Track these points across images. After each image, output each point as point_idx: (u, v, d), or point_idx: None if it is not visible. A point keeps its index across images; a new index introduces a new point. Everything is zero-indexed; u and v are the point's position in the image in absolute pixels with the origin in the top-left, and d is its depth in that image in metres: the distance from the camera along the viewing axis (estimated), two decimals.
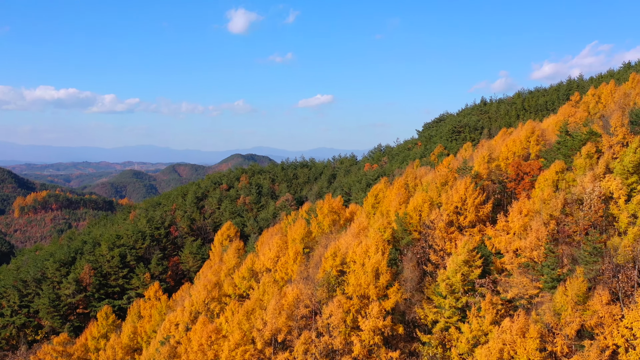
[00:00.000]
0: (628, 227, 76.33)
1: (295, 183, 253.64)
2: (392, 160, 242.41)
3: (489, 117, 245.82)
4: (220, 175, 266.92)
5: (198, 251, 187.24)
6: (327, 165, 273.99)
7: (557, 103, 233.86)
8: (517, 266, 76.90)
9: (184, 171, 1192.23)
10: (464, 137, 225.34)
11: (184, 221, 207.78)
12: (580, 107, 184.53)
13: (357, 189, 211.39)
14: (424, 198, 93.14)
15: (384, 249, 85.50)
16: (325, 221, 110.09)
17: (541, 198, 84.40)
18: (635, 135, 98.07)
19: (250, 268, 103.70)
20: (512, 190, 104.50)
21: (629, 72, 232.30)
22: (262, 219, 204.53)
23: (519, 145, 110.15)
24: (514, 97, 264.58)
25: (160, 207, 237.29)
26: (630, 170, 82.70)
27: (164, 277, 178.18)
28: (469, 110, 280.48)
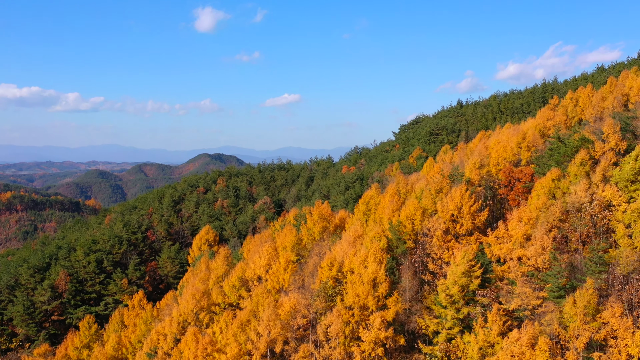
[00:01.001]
0: (623, 238, 76.32)
1: (272, 186, 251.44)
2: (370, 162, 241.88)
3: (466, 119, 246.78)
4: (197, 178, 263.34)
5: (176, 256, 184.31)
6: (304, 168, 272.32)
7: (532, 106, 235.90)
8: (520, 275, 76.27)
9: (150, 171, 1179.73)
10: (441, 139, 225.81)
11: (161, 225, 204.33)
12: (559, 111, 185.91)
13: (335, 191, 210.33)
14: (416, 206, 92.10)
15: (382, 259, 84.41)
16: (315, 228, 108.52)
17: (537, 206, 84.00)
18: (625, 141, 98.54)
19: (241, 276, 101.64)
20: (504, 197, 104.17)
21: (603, 75, 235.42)
22: (241, 222, 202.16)
23: (509, 152, 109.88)
24: (490, 99, 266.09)
25: (137, 210, 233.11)
26: (630, 178, 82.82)
27: (142, 282, 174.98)
28: (445, 112, 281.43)
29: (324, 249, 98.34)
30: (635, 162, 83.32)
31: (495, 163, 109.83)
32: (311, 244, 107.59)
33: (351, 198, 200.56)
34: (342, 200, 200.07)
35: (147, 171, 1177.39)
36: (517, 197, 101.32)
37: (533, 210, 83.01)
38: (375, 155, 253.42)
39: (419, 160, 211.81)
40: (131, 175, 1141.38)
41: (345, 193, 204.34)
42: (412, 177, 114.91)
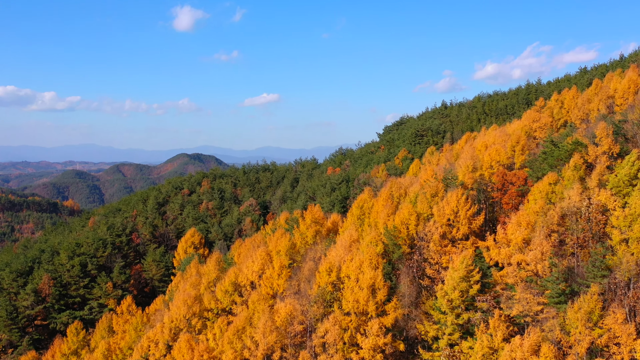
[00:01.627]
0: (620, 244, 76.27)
1: (257, 187, 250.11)
2: (355, 163, 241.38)
3: (451, 120, 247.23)
4: (181, 180, 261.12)
5: (161, 259, 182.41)
6: (289, 169, 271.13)
7: (517, 107, 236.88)
8: (520, 280, 76.01)
9: (128, 171, 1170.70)
10: (427, 140, 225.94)
11: (146, 228, 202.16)
12: (544, 113, 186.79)
13: (321, 193, 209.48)
14: (410, 210, 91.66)
15: (378, 264, 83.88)
16: (308, 232, 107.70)
17: (535, 210, 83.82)
18: (617, 145, 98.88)
19: (234, 282, 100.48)
20: (497, 200, 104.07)
21: (586, 76, 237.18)
22: (227, 224, 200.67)
23: (503, 155, 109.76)
24: (474, 100, 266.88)
25: (120, 213, 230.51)
26: (625, 183, 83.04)
27: (127, 286, 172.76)
28: (430, 113, 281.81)
29: (318, 254, 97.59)
30: (631, 168, 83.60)
31: (489, 166, 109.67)
32: (304, 248, 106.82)
33: (337, 200, 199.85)
34: (328, 202, 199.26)
35: (125, 171, 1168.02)
36: (511, 200, 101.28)
37: (531, 215, 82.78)
38: (360, 156, 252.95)
39: (404, 162, 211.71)
40: (109, 175, 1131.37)
41: (332, 195, 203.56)
42: (406, 180, 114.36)
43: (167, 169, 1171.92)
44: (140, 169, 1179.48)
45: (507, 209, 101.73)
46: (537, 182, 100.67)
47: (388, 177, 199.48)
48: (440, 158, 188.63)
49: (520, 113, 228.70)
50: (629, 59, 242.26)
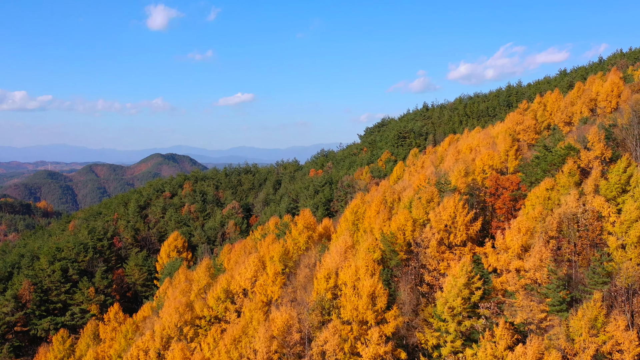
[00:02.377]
0: (617, 250, 76.42)
1: (240, 190, 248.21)
2: (338, 165, 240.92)
3: (432, 122, 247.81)
4: (163, 182, 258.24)
5: (144, 263, 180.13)
6: (270, 171, 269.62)
7: (498, 109, 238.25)
8: (520, 287, 75.72)
9: (101, 171, 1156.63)
10: (409, 142, 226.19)
11: (128, 231, 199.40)
12: (528, 115, 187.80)
13: (305, 195, 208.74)
14: (407, 216, 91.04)
15: (374, 270, 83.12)
16: (301, 238, 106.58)
17: (533, 216, 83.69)
18: (609, 149, 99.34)
19: (226, 289, 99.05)
20: (491, 205, 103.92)
21: (566, 78, 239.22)
22: (210, 228, 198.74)
23: (496, 159, 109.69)
24: (455, 102, 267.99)
25: (101, 216, 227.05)
26: (617, 190, 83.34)
27: (109, 291, 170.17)
28: (411, 115, 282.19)
29: (311, 259, 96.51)
30: (621, 175, 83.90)
31: (481, 171, 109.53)
32: (296, 254, 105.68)
33: (321, 202, 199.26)
34: (312, 204, 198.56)
35: (98, 171, 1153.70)
36: (505, 205, 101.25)
37: (530, 221, 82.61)
38: (343, 158, 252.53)
39: (388, 164, 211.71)
40: (82, 175, 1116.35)
41: (315, 197, 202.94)
42: (398, 185, 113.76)
43: (141, 169, 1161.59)
44: (114, 169, 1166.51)
45: (500, 214, 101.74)
46: (530, 186, 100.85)
47: (372, 180, 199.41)
48: (425, 160, 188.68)
49: (501, 115, 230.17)
50: (608, 61, 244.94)
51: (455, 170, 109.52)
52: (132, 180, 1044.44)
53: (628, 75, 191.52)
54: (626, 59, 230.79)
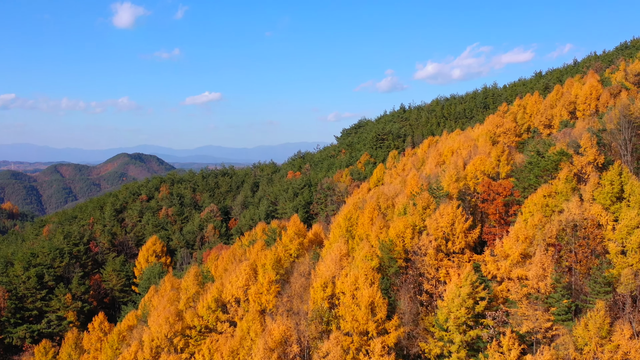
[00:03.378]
0: (618, 256, 76.22)
1: (217, 192, 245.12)
2: (316, 167, 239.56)
3: (410, 124, 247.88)
4: (139, 185, 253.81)
5: (122, 268, 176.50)
6: (248, 173, 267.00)
7: (475, 111, 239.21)
8: (523, 296, 75.16)
9: (66, 171, 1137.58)
10: (388, 144, 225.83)
11: (104, 236, 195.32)
12: (507, 118, 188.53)
13: (284, 198, 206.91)
14: (406, 223, 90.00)
15: (374, 279, 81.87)
16: (292, 245, 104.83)
17: (533, 224, 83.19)
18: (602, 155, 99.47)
19: (217, 298, 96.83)
20: (484, 211, 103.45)
21: (541, 81, 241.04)
22: (188, 231, 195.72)
23: (488, 165, 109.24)
24: (433, 104, 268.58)
25: (76, 220, 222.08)
26: (612, 198, 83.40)
27: (86, 297, 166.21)
28: (389, 117, 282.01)
29: (305, 267, 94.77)
30: (612, 185, 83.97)
31: (473, 176, 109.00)
32: (288, 262, 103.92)
33: (300, 205, 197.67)
34: (292, 207, 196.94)
35: (64, 172, 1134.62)
36: (498, 211, 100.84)
37: (529, 228, 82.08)
38: (321, 160, 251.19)
39: (367, 166, 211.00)
40: (46, 176, 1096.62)
41: (294, 200, 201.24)
42: (390, 189, 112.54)
43: (107, 169, 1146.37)
44: (80, 169, 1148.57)
45: (493, 219, 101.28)
46: (523, 192, 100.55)
47: (352, 182, 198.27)
48: (406, 163, 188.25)
49: (478, 117, 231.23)
50: (583, 63, 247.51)
51: (446, 176, 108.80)
52: (99, 180, 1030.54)
53: (605, 78, 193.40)
54: (600, 61, 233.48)
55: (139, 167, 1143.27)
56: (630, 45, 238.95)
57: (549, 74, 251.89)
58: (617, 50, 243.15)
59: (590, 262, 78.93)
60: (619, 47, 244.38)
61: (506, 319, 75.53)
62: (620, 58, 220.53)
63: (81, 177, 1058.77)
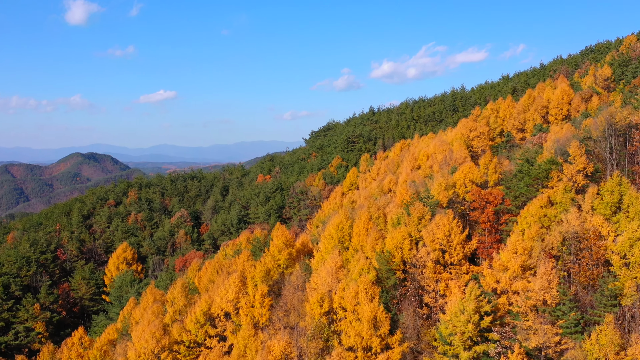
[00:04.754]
0: (621, 268, 76.24)
1: (187, 197, 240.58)
2: (286, 171, 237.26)
3: (380, 127, 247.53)
4: (106, 190, 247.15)
5: (91, 276, 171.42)
6: (217, 176, 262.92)
7: (444, 113, 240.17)
8: (529, 309, 74.54)
9: (17, 171, 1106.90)
10: (359, 147, 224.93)
11: (72, 243, 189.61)
12: (481, 121, 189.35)
13: (255, 202, 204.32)
14: (404, 234, 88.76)
15: (374, 293, 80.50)
16: (281, 256, 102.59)
17: (530, 235, 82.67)
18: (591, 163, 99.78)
19: (206, 311, 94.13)
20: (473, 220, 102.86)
21: (509, 84, 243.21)
22: (159, 238, 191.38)
23: (476, 174, 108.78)
24: (402, 107, 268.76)
25: (42, 227, 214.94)
26: (612, 209, 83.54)
27: (55, 307, 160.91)
28: (358, 119, 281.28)
29: (297, 279, 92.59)
30: (612, 195, 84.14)
31: (462, 184, 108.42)
32: (277, 273, 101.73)
33: (273, 209, 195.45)
34: (264, 211, 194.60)
35: (14, 172, 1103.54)
36: (489, 220, 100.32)
37: (527, 240, 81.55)
38: (291, 163, 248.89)
39: (339, 170, 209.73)
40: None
41: (266, 204, 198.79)
42: (381, 200, 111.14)
43: (60, 168, 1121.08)
44: (31, 170, 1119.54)
45: (484, 228, 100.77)
46: (514, 200, 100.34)
47: (326, 186, 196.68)
48: (380, 167, 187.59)
49: (448, 119, 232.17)
50: (549, 67, 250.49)
51: (435, 184, 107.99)
52: (51, 180, 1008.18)
53: (575, 82, 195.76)
54: (567, 65, 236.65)
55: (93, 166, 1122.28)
56: (595, 49, 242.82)
57: (516, 77, 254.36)
58: (582, 54, 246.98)
59: (592, 273, 78.91)
60: (584, 51, 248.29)
61: (513, 334, 74.77)
62: (586, 62, 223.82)
63: (33, 177, 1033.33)
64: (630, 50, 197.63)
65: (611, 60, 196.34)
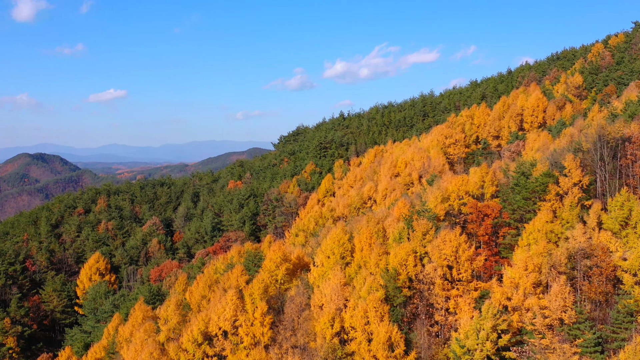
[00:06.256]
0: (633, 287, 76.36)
1: (157, 204, 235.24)
2: (258, 177, 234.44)
3: (352, 132, 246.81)
4: (74, 197, 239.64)
5: (63, 288, 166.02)
6: (186, 182, 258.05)
7: (415, 119, 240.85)
8: (545, 327, 74.28)
9: None
10: (331, 153, 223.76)
11: (42, 254, 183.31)
12: (456, 128, 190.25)
13: (228, 210, 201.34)
14: (407, 251, 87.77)
15: (384, 312, 79.49)
16: (279, 271, 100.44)
17: (538, 251, 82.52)
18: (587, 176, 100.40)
19: (204, 330, 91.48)
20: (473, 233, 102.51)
21: (477, 90, 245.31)
22: (132, 247, 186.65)
23: (472, 186, 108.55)
24: (372, 112, 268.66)
25: (9, 237, 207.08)
26: (621, 223, 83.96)
27: (26, 320, 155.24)
28: (328, 124, 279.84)
29: (301, 297, 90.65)
30: (621, 210, 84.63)
31: (457, 197, 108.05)
32: (274, 289, 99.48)
33: (247, 216, 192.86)
34: (238, 219, 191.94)
35: None
36: (487, 233, 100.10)
37: (535, 256, 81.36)
38: (262, 169, 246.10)
39: (313, 176, 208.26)
40: None
41: (240, 211, 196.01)
42: (379, 213, 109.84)
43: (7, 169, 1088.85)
44: None
45: (483, 241, 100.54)
46: (513, 214, 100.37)
47: (301, 193, 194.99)
48: (358, 174, 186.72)
49: (419, 125, 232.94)
50: (516, 72, 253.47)
51: (431, 196, 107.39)
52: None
53: (547, 89, 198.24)
54: (534, 71, 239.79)
55: (42, 167, 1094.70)
56: (561, 56, 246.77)
57: (484, 82, 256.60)
58: (549, 60, 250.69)
59: (605, 288, 79.12)
60: (551, 58, 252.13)
61: (521, 353, 74.49)
62: (553, 69, 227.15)
63: None
64: (599, 59, 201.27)
65: (582, 69, 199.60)
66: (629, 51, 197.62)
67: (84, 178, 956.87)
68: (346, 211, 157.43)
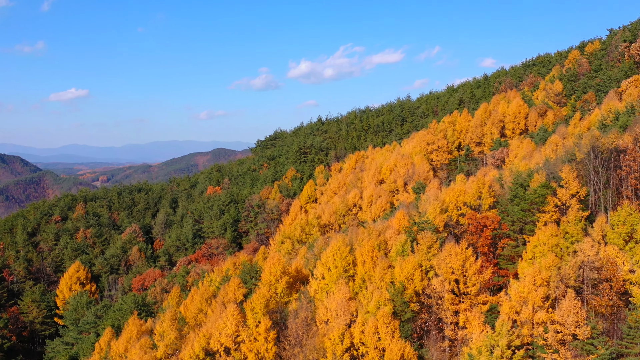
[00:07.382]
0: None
1: (135, 210, 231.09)
2: (237, 182, 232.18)
3: (331, 137, 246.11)
4: (50, 204, 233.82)
5: (42, 298, 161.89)
6: (164, 188, 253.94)
7: (393, 124, 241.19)
8: (557, 343, 74.40)
9: None
10: (311, 158, 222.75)
11: (19, 263, 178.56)
12: (438, 135, 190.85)
13: (209, 216, 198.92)
14: (414, 265, 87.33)
15: (394, 328, 78.91)
16: (279, 285, 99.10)
17: (547, 265, 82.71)
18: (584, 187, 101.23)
19: (204, 347, 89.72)
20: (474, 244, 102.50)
21: (455, 95, 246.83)
22: (112, 255, 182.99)
23: (470, 197, 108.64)
24: (350, 116, 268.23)
25: None
26: (625, 237, 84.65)
27: (5, 332, 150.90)
28: (307, 129, 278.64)
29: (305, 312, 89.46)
30: (625, 225, 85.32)
31: (454, 207, 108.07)
32: (274, 302, 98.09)
33: (228, 223, 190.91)
34: (219, 225, 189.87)
35: None
36: (487, 245, 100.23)
37: (543, 270, 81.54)
38: (241, 174, 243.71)
39: (294, 182, 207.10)
40: None
41: (221, 218, 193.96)
42: (379, 225, 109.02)
43: None
44: None
45: (482, 252, 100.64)
46: (512, 225, 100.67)
47: (283, 199, 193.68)
48: (341, 181, 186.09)
49: (397, 130, 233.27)
50: (492, 78, 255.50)
51: (429, 207, 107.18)
52: None
53: (526, 96, 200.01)
54: (510, 77, 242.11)
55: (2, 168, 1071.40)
56: (536, 61, 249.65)
57: (461, 87, 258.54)
58: (524, 66, 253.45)
59: (615, 302, 79.61)
60: (526, 63, 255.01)
61: None
62: (529, 74, 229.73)
63: None
64: (577, 65, 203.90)
65: (560, 75, 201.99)
66: (605, 58, 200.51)
67: (46, 179, 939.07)
68: (332, 219, 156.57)
